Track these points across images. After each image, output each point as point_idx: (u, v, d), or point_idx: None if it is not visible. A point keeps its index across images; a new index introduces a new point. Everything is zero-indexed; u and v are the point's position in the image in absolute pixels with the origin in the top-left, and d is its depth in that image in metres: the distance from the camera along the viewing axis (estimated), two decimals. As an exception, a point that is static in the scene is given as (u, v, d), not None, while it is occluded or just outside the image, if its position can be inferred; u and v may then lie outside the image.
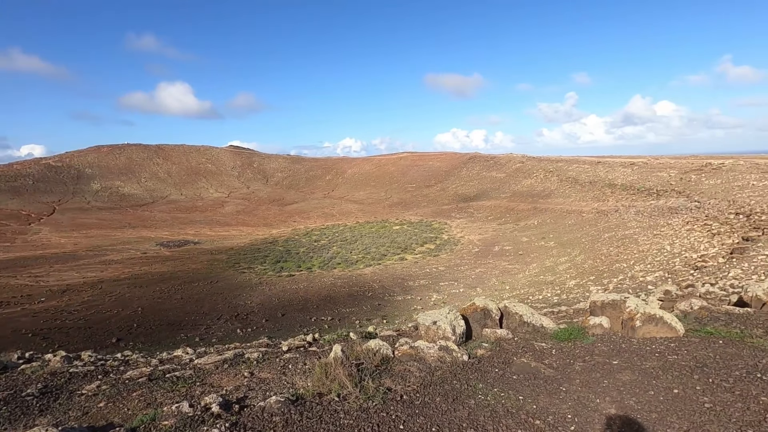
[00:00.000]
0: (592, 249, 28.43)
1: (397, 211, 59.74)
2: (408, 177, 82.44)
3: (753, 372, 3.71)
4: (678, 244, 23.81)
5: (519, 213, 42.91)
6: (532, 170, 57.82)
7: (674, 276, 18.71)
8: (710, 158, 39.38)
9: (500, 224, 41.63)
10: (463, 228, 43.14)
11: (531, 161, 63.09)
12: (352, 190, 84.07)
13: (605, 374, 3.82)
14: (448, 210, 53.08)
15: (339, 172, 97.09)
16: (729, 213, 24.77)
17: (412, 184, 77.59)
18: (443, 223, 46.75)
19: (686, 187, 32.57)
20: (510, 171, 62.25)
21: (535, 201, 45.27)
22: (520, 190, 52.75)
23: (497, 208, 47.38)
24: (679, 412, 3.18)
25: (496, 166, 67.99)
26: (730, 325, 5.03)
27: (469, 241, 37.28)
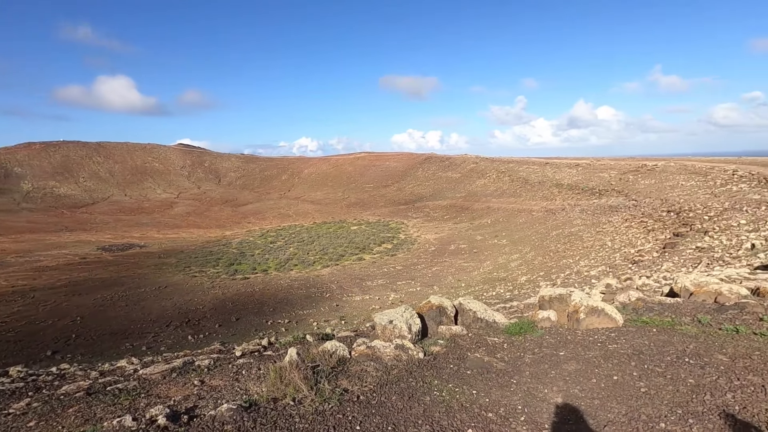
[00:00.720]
0: (541, 246, 29.78)
1: (354, 211, 59.64)
2: (365, 177, 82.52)
3: (682, 357, 4.03)
4: (618, 240, 25.45)
5: (473, 212, 44.15)
6: (485, 171, 59.68)
7: (615, 270, 19.97)
8: (645, 160, 42.44)
9: (456, 223, 42.64)
10: (419, 227, 43.78)
11: (484, 162, 65.12)
12: (309, 190, 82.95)
13: (553, 365, 4.01)
14: (405, 210, 53.68)
15: (295, 171, 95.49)
16: (662, 211, 26.75)
17: (369, 184, 77.74)
18: (400, 222, 47.22)
19: (625, 186, 34.88)
20: (465, 171, 63.91)
21: (488, 200, 46.77)
22: (474, 190, 54.29)
23: (453, 207, 48.50)
24: (618, 397, 3.39)
25: (452, 166, 69.56)
26: (663, 315, 5.43)
27: (425, 240, 37.89)
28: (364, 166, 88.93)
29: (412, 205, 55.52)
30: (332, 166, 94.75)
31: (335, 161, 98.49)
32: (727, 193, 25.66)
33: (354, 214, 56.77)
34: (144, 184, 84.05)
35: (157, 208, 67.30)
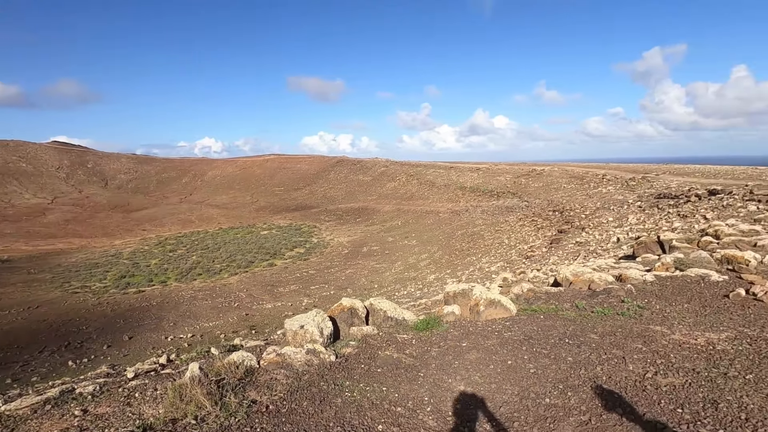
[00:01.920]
0: (448, 245, 31.54)
1: (264, 215, 57.38)
2: (276, 180, 79.91)
3: (563, 338, 4.58)
4: (514, 238, 27.93)
5: (385, 214, 45.22)
6: (395, 174, 61.54)
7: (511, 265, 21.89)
8: (535, 165, 47.34)
9: (368, 225, 43.28)
10: (332, 230, 43.62)
11: (394, 165, 67.13)
12: (213, 193, 77.80)
13: (456, 356, 4.29)
14: (317, 213, 53.08)
15: (198, 174, 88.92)
16: (549, 210, 29.98)
17: (280, 187, 75.44)
18: (313, 226, 46.58)
19: (519, 189, 38.48)
20: (376, 174, 65.21)
21: (399, 203, 48.29)
22: (385, 192, 55.66)
23: (365, 210, 49.14)
24: (512, 380, 3.74)
25: (363, 169, 70.51)
26: (549, 302, 6.11)
27: (338, 243, 37.86)
28: (274, 168, 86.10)
29: (324, 208, 55.12)
30: (239, 168, 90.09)
31: (243, 163, 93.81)
32: (598, 195, 29.63)
33: (264, 218, 54.62)
34: (7, 187, 71.52)
35: (26, 216, 57.75)
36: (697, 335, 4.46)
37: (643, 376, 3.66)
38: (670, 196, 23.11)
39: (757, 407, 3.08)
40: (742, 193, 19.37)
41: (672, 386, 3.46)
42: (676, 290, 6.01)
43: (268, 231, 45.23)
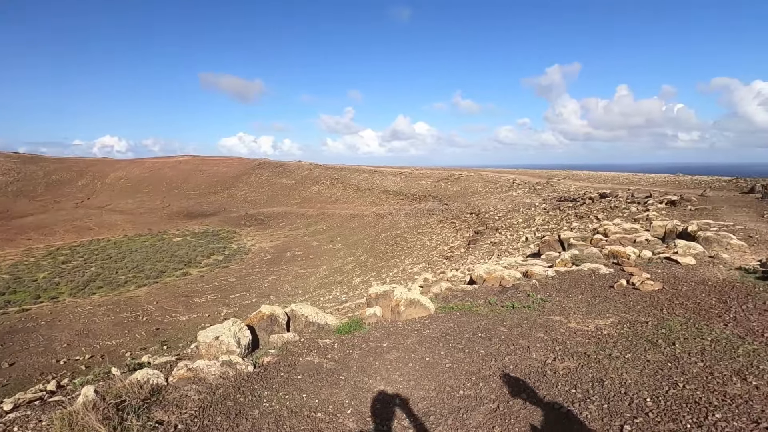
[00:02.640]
0: (372, 248, 31.89)
1: (178, 221, 53.33)
2: (191, 183, 74.74)
3: (476, 333, 4.87)
4: (435, 240, 29.05)
5: (309, 218, 44.50)
6: (319, 177, 60.90)
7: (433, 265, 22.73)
8: (453, 170, 49.84)
9: (291, 230, 42.25)
10: (254, 236, 41.88)
11: (318, 169, 66.41)
12: (117, 197, 70.56)
13: (377, 357, 4.36)
14: (237, 218, 50.61)
15: (98, 175, 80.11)
16: (466, 213, 31.68)
17: (195, 191, 70.69)
18: (232, 231, 44.31)
19: (439, 192, 40.18)
20: (299, 178, 63.96)
21: (323, 207, 47.83)
22: (309, 196, 54.80)
23: (289, 214, 47.94)
24: (429, 376, 3.89)
25: (286, 172, 68.76)
26: (464, 300, 6.46)
27: (260, 248, 36.46)
28: (189, 170, 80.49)
29: (245, 213, 52.72)
30: (148, 169, 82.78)
31: (152, 164, 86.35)
32: (510, 198, 31.97)
33: (177, 224, 50.75)
34: None
35: None
36: (589, 322, 5.01)
37: (545, 362, 4.02)
38: (569, 199, 25.69)
39: (633, 382, 3.54)
40: (625, 196, 22.16)
41: (567, 369, 3.85)
42: (573, 283, 6.70)
43: (181, 238, 42.10)
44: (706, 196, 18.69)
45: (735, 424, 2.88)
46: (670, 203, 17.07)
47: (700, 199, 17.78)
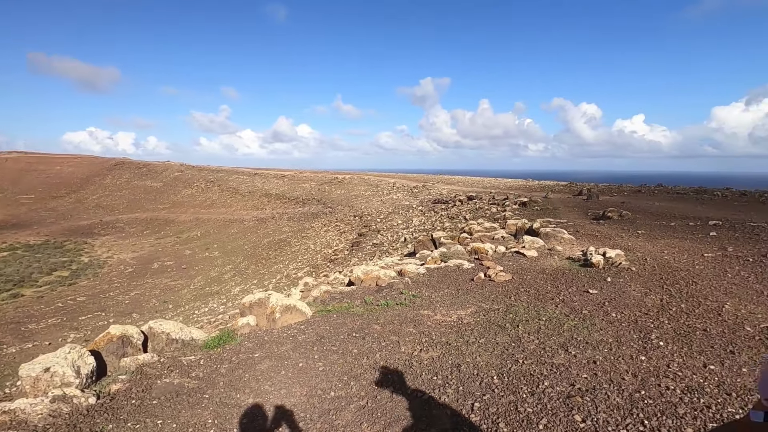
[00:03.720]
0: (254, 255, 30.39)
1: (4, 232, 43.76)
2: (22, 185, 62.03)
3: (351, 333, 4.97)
4: (319, 243, 28.90)
5: (181, 225, 40.52)
6: (192, 180, 55.88)
7: (317, 269, 22.57)
8: (337, 173, 50.30)
9: (159, 238, 37.96)
10: (111, 246, 36.54)
11: (191, 170, 60.91)
12: None
13: (247, 368, 4.15)
14: (88, 226, 43.58)
15: None
16: (350, 216, 32.20)
17: (29, 195, 58.89)
18: (82, 242, 38.03)
19: (323, 196, 40.11)
20: (168, 180, 57.84)
21: (197, 212, 43.99)
22: (180, 200, 49.89)
23: (155, 220, 42.96)
24: (302, 381, 3.84)
25: (152, 174, 61.56)
26: (342, 301, 6.54)
27: (120, 260, 31.98)
28: (19, 170, 66.75)
29: (99, 220, 45.65)
30: (-41, 169, 66.38)
31: (-35, 163, 69.49)
32: (390, 200, 33.44)
33: (2, 236, 41.61)
34: None
35: None
36: (452, 313, 5.50)
37: (412, 354, 4.29)
38: (442, 201, 27.92)
39: (485, 363, 3.99)
40: (488, 199, 24.92)
41: (431, 359, 4.16)
42: (441, 278, 7.29)
43: (9, 252, 34.65)
44: (549, 198, 22.05)
45: (558, 389, 3.44)
46: (522, 204, 19.72)
47: (544, 200, 20.90)
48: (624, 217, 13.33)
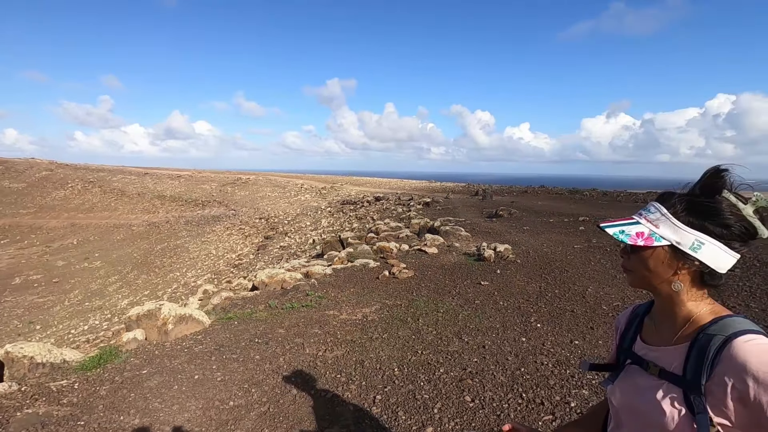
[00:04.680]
0: (145, 263, 27.56)
1: None
2: None
3: (253, 339, 4.79)
4: (222, 248, 27.24)
5: (51, 232, 35.13)
6: (66, 180, 48.77)
7: (219, 276, 21.25)
8: (240, 174, 47.82)
9: (21, 248, 32.50)
10: (-45, 260, 30.27)
11: (64, 169, 53.11)
12: None
13: (133, 387, 3.77)
14: None
15: None
16: (255, 218, 30.88)
17: None
18: None
19: (225, 197, 37.86)
20: (34, 180, 49.74)
21: (73, 216, 38.52)
22: (50, 203, 43.22)
23: (16, 227, 36.66)
24: (197, 395, 3.61)
25: (11, 173, 52.36)
26: (245, 307, 6.27)
27: (-33, 277, 26.64)
28: None
29: (-63, 229, 37.47)
30: None
31: None
32: (298, 202, 32.80)
33: None
34: None
35: None
36: (357, 312, 5.60)
37: (316, 355, 4.29)
38: (351, 202, 28.17)
39: (387, 357, 4.15)
40: (394, 199, 25.76)
41: (336, 358, 4.20)
42: (347, 278, 7.37)
43: None
44: (450, 199, 23.54)
45: (452, 374, 3.72)
46: (425, 204, 20.75)
47: (445, 201, 22.26)
48: (513, 215, 14.78)
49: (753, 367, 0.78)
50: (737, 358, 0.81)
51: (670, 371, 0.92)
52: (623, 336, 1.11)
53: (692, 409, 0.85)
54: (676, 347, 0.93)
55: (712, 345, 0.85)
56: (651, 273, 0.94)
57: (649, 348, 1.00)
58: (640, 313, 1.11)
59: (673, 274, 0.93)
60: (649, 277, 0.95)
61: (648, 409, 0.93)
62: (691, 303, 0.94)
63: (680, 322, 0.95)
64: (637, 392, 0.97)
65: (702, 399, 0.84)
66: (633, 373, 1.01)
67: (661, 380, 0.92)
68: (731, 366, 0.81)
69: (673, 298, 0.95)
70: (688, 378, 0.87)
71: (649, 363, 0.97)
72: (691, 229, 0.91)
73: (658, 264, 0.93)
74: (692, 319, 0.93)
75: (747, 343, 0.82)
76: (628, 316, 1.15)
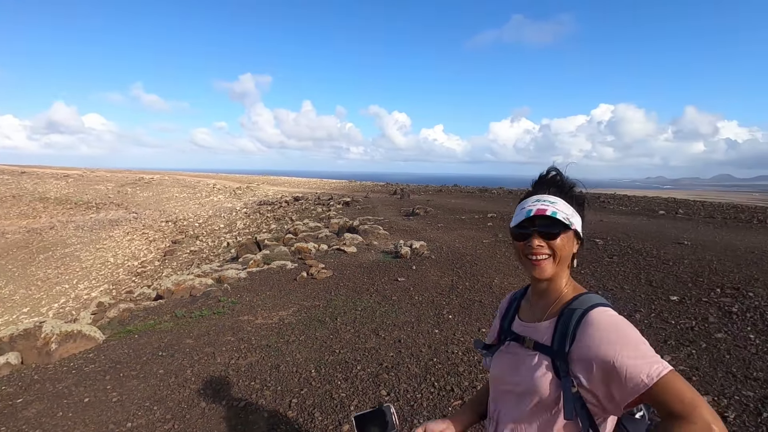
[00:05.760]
0: (24, 276, 23.94)
1: None
2: None
3: (156, 353, 4.41)
4: (121, 255, 24.69)
5: None
6: None
7: (118, 286, 19.25)
8: (143, 173, 43.64)
9: None
10: None
11: None
12: None
13: (4, 421, 3.26)
14: None
15: None
16: (161, 221, 28.44)
17: None
18: None
19: (124, 199, 34.32)
20: None
21: (-76, 224, 32.12)
22: None
23: None
24: (87, 419, 3.23)
25: None
26: (147, 319, 5.74)
27: None
28: None
29: None
30: None
31: None
32: (210, 203, 30.86)
33: None
34: None
35: None
36: (274, 315, 5.43)
37: (229, 363, 4.07)
38: (268, 203, 27.19)
39: (304, 359, 4.08)
40: (313, 199, 25.40)
41: (250, 364, 4.03)
42: (263, 281, 7.11)
43: None
44: (369, 198, 23.83)
45: (368, 370, 3.78)
46: (345, 204, 20.78)
47: (365, 200, 22.50)
48: (429, 213, 15.42)
49: (603, 332, 0.92)
50: (591, 326, 0.94)
51: (542, 343, 1.03)
52: (503, 318, 1.23)
53: (559, 374, 0.97)
54: (548, 322, 1.05)
55: (574, 317, 0.98)
56: (565, 255, 1.05)
57: (525, 325, 1.12)
58: (518, 297, 1.24)
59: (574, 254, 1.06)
60: (563, 258, 1.05)
61: (523, 378, 1.04)
62: (563, 281, 1.07)
63: (551, 300, 1.07)
64: (514, 364, 1.09)
65: (566, 365, 0.96)
66: (512, 348, 1.13)
67: (535, 351, 1.04)
68: (587, 333, 0.94)
69: (557, 279, 1.07)
70: (555, 348, 0.99)
71: (525, 338, 1.09)
72: (578, 215, 1.06)
73: (570, 246, 1.05)
74: (560, 297, 1.06)
75: (600, 314, 0.96)
76: (508, 301, 1.27)
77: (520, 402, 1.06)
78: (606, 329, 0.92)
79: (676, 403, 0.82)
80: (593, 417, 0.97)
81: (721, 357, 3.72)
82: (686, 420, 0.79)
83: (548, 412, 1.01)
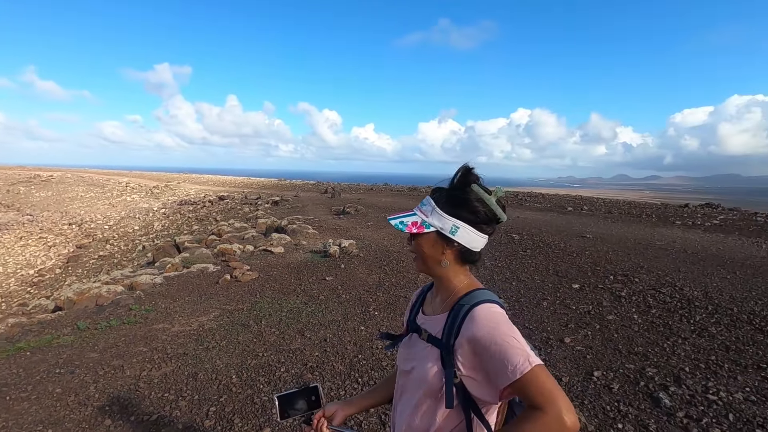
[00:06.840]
0: None
1: None
2: None
3: (53, 370, 3.98)
4: (12, 263, 21.80)
5: None
6: None
7: (9, 299, 16.99)
8: (39, 170, 38.77)
9: None
10: None
11: None
12: None
13: None
14: None
15: None
16: (63, 224, 25.51)
17: None
18: None
19: (16, 200, 30.29)
20: None
21: None
22: None
23: None
24: (-37, 452, 2.83)
25: None
26: (42, 334, 5.14)
27: None
28: None
29: None
30: None
31: None
32: (123, 203, 28.28)
33: None
34: None
35: None
36: (192, 321, 5.14)
37: (139, 376, 3.79)
38: (190, 203, 25.53)
39: (224, 365, 3.92)
40: (240, 198, 24.34)
41: (164, 375, 3.79)
42: (181, 286, 6.69)
43: None
44: (299, 197, 23.36)
45: (293, 371, 3.73)
46: (274, 203, 20.18)
47: (295, 199, 22.03)
48: (359, 212, 15.50)
49: (482, 327, 1.01)
50: (473, 320, 1.03)
51: (434, 335, 1.11)
52: (411, 310, 1.30)
53: (444, 365, 1.05)
54: (442, 315, 1.13)
55: (461, 312, 1.06)
56: (426, 255, 1.13)
57: (425, 318, 1.20)
58: (425, 290, 1.31)
59: (441, 254, 1.13)
60: (426, 258, 1.13)
61: (416, 367, 1.11)
62: (455, 278, 1.15)
63: (447, 295, 1.15)
64: (412, 355, 1.16)
65: (451, 356, 1.04)
66: (413, 339, 1.20)
67: (428, 343, 1.11)
68: (469, 327, 1.03)
69: (444, 275, 1.14)
70: (443, 340, 1.07)
71: (423, 330, 1.16)
72: (450, 217, 1.11)
73: (429, 247, 1.12)
74: (454, 292, 1.14)
75: (484, 309, 1.04)
76: (416, 294, 1.35)
77: (414, 390, 1.13)
78: (486, 323, 1.01)
79: (537, 395, 0.91)
80: (478, 407, 1.05)
81: (610, 336, 4.21)
82: (542, 411, 0.89)
83: (434, 401, 1.09)
